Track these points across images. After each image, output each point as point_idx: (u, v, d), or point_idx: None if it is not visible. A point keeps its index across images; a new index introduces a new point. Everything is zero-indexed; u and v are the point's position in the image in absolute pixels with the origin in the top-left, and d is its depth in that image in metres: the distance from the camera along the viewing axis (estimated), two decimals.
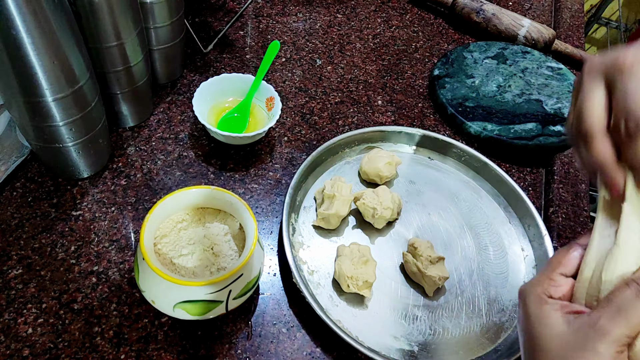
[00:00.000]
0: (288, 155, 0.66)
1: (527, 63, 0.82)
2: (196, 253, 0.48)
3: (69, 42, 0.47)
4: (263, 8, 0.87)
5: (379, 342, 0.51)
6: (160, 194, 0.59)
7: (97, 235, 0.55)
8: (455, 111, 0.72)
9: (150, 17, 0.62)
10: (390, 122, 0.72)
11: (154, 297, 0.44)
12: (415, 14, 0.92)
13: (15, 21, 0.41)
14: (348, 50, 0.82)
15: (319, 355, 0.50)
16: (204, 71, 0.74)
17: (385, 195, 0.58)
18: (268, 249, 0.57)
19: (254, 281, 0.47)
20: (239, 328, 0.50)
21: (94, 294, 0.50)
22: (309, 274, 0.54)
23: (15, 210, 0.55)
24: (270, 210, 0.60)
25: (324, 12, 0.89)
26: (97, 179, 0.59)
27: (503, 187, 0.65)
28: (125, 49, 0.56)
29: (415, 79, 0.80)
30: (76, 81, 0.49)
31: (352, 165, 0.66)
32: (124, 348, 0.47)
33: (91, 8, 0.51)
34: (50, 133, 0.52)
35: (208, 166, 0.63)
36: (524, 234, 0.62)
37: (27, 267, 0.51)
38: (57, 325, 0.48)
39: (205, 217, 0.50)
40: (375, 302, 0.54)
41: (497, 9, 0.87)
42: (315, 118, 0.71)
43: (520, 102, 0.75)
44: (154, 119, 0.67)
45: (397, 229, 0.60)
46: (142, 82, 0.62)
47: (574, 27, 0.97)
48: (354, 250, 0.54)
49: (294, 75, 0.77)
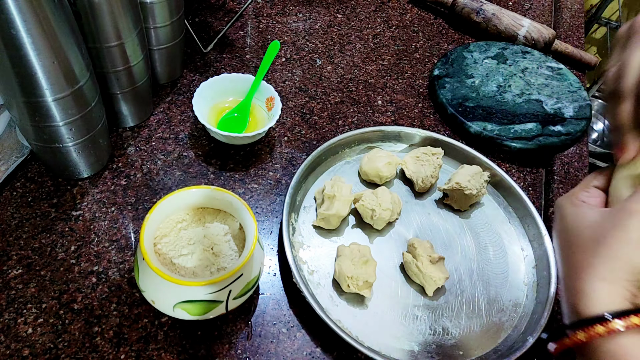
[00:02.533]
0: (288, 155, 0.66)
1: (527, 63, 0.82)
2: (196, 253, 0.48)
3: (69, 42, 0.47)
4: (263, 8, 0.87)
5: (379, 342, 0.51)
6: (160, 194, 0.59)
7: (97, 235, 0.55)
8: (455, 111, 0.72)
9: (150, 17, 0.62)
10: (390, 122, 0.72)
11: (154, 297, 0.44)
12: (415, 14, 0.92)
13: (15, 21, 0.41)
14: (348, 50, 0.82)
15: (319, 355, 0.50)
16: (204, 71, 0.74)
17: (384, 196, 0.58)
18: (268, 249, 0.57)
19: (254, 281, 0.47)
20: (239, 328, 0.50)
21: (94, 294, 0.50)
22: (309, 273, 0.54)
23: (15, 210, 0.55)
24: (270, 210, 0.60)
25: (324, 12, 0.89)
26: (97, 179, 0.59)
27: (503, 187, 0.65)
28: (125, 49, 0.56)
29: (415, 79, 0.80)
30: (76, 81, 0.49)
31: (352, 165, 0.66)
32: (124, 348, 0.47)
33: (91, 8, 0.51)
34: (50, 133, 0.52)
35: (208, 166, 0.63)
36: (524, 234, 0.62)
37: (27, 267, 0.51)
38: (57, 325, 0.48)
39: (205, 217, 0.50)
40: (375, 302, 0.54)
41: (497, 9, 0.87)
42: (315, 118, 0.71)
43: (520, 102, 0.75)
44: (154, 119, 0.67)
45: (397, 229, 0.60)
46: (142, 82, 0.62)
47: (574, 27, 0.97)
48: (354, 250, 0.54)
49: (294, 75, 0.77)
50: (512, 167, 0.70)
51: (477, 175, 0.62)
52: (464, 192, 0.60)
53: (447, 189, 0.62)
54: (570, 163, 0.71)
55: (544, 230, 0.60)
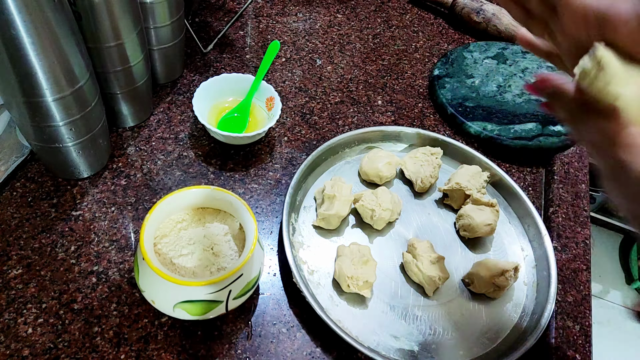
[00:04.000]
0: (288, 155, 0.66)
1: (527, 63, 0.82)
2: (196, 253, 0.48)
3: (69, 42, 0.47)
4: (263, 8, 0.87)
5: (379, 342, 0.51)
6: (160, 194, 0.59)
7: (97, 235, 0.55)
8: (455, 111, 0.72)
9: (150, 17, 0.62)
10: (390, 122, 0.72)
11: (154, 297, 0.44)
12: (415, 14, 0.92)
13: (15, 21, 0.41)
14: (348, 50, 0.82)
15: (319, 355, 0.50)
16: (204, 71, 0.74)
17: (384, 196, 0.58)
18: (268, 249, 0.57)
19: (253, 281, 0.47)
20: (239, 328, 0.50)
21: (94, 294, 0.50)
22: (309, 273, 0.54)
23: (15, 210, 0.55)
24: (270, 210, 0.60)
25: (324, 12, 0.89)
26: (97, 179, 0.59)
27: (503, 187, 0.65)
28: (125, 49, 0.56)
29: (415, 79, 0.80)
30: (76, 81, 0.49)
31: (352, 165, 0.66)
32: (124, 348, 0.47)
33: (91, 8, 0.51)
34: (50, 133, 0.52)
35: (208, 166, 0.63)
36: (524, 234, 0.62)
37: (27, 267, 0.51)
38: (57, 325, 0.48)
39: (205, 217, 0.50)
40: (375, 302, 0.54)
41: (497, 9, 0.87)
42: (315, 118, 0.71)
43: (520, 102, 0.75)
44: (153, 119, 0.67)
45: (397, 229, 0.60)
46: (142, 82, 0.62)
47: None
48: (354, 250, 0.54)
49: (294, 75, 0.77)
50: (512, 167, 0.70)
51: (477, 175, 0.62)
52: (464, 192, 0.60)
53: (447, 189, 0.62)
54: (570, 163, 0.71)
55: (544, 230, 0.60)
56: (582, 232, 0.63)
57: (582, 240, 0.62)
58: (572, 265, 0.60)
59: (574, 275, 0.59)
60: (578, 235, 0.63)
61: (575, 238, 0.62)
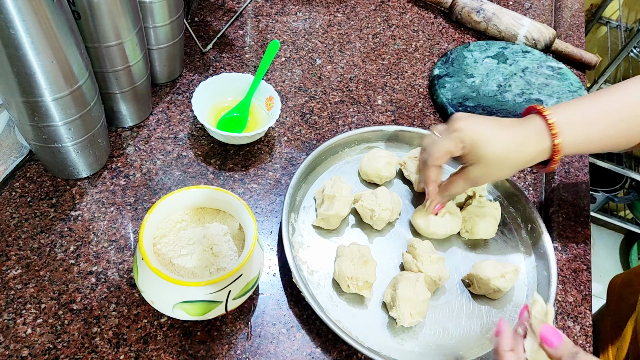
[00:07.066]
0: (288, 155, 0.66)
1: (527, 62, 0.82)
2: (195, 253, 0.48)
3: (68, 42, 0.46)
4: (262, 7, 0.87)
5: (379, 342, 0.51)
6: (160, 194, 0.59)
7: (96, 236, 0.54)
8: (455, 111, 0.72)
9: (150, 17, 0.62)
10: (390, 121, 0.72)
11: (154, 297, 0.44)
12: (415, 14, 0.92)
13: (14, 21, 0.41)
14: (348, 49, 0.82)
15: (319, 355, 0.50)
16: (204, 71, 0.74)
17: (384, 196, 0.58)
18: (268, 249, 0.57)
19: (253, 281, 0.47)
20: (238, 328, 0.50)
21: (93, 294, 0.50)
22: (309, 274, 0.54)
23: (14, 210, 0.55)
24: (270, 210, 0.60)
25: (323, 12, 0.88)
26: (96, 179, 0.59)
27: (503, 186, 0.65)
28: (125, 48, 0.56)
29: (415, 79, 0.80)
30: (75, 81, 0.49)
31: (352, 165, 0.66)
32: (123, 348, 0.47)
33: (90, 7, 0.51)
34: (49, 133, 0.51)
35: (207, 166, 0.63)
36: (524, 234, 0.62)
37: (26, 267, 0.51)
38: (56, 326, 0.48)
39: (205, 217, 0.50)
40: (375, 302, 0.54)
41: (497, 9, 0.87)
42: (315, 118, 0.71)
43: (520, 101, 0.75)
44: (153, 118, 0.67)
45: (397, 229, 0.60)
46: (141, 82, 0.61)
47: (574, 26, 0.97)
48: (354, 251, 0.54)
49: (293, 74, 0.76)
50: None
51: None
52: (465, 192, 0.60)
53: None
54: (571, 163, 0.71)
55: (544, 230, 0.59)
56: (583, 232, 0.63)
57: (582, 240, 0.62)
58: (572, 265, 0.60)
59: (574, 275, 0.59)
60: (578, 235, 0.63)
61: (576, 238, 0.62)
